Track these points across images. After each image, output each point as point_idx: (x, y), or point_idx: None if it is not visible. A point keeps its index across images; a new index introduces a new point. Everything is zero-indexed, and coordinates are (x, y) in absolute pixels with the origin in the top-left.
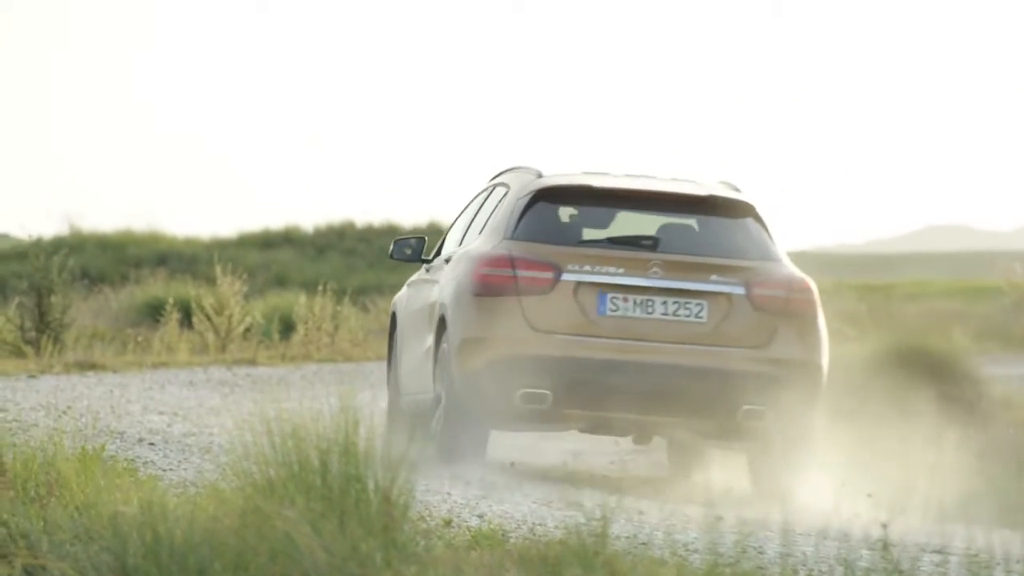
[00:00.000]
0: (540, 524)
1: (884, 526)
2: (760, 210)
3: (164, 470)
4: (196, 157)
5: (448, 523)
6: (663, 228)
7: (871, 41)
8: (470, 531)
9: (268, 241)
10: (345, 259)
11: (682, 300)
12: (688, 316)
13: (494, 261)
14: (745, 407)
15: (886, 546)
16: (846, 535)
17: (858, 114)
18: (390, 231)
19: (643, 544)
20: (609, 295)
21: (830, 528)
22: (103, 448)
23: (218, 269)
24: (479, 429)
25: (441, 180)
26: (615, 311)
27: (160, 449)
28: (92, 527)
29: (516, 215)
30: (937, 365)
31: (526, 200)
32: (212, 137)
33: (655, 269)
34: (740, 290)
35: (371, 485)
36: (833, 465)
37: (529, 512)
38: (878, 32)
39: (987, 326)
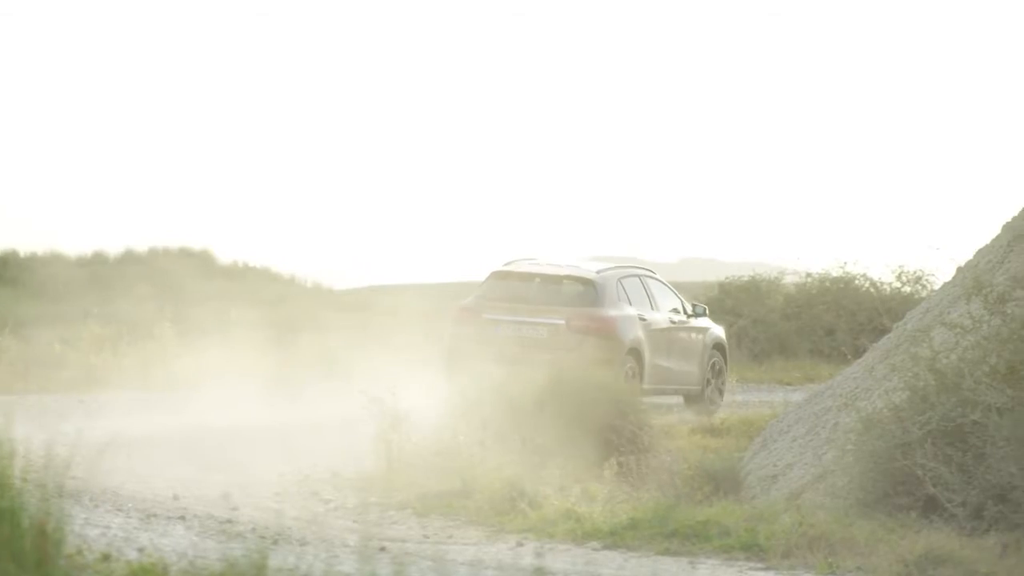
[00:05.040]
0: (201, 556)
1: (539, 555)
2: (596, 282)
3: None
4: None
5: (106, 557)
6: (542, 290)
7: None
8: (129, 564)
9: None
10: (7, 290)
11: (533, 327)
12: (536, 335)
13: (460, 307)
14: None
15: (542, 573)
16: (501, 564)
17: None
18: (55, 261)
19: (304, 575)
20: (501, 325)
21: (486, 558)
22: None
23: None
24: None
25: (106, 210)
26: (503, 332)
27: None
28: None
29: (481, 285)
30: (601, 395)
31: (488, 277)
32: None
33: (521, 312)
34: (561, 321)
35: (25, 519)
36: (499, 491)
37: (190, 544)
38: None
39: None
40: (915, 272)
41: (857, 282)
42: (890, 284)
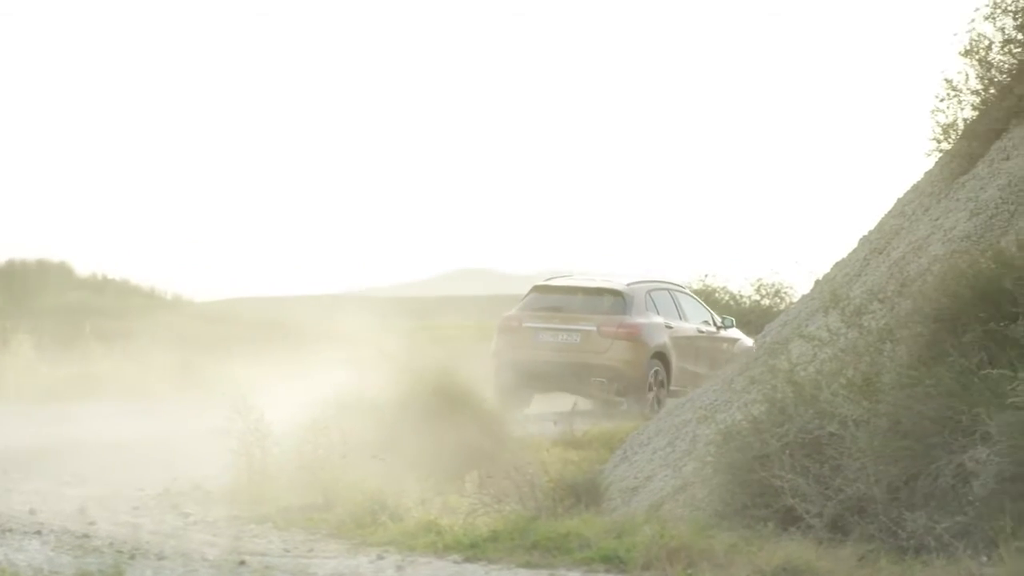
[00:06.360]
0: (57, 572)
1: (400, 567)
2: (625, 293)
3: None
4: None
5: None
6: (577, 301)
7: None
8: None
9: None
10: None
11: (568, 333)
12: (571, 340)
13: (506, 317)
14: (594, 380)
15: None
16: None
17: (381, 159)
18: None
19: None
20: (540, 332)
21: (347, 571)
22: None
23: None
24: (511, 391)
25: None
26: (542, 338)
27: None
28: None
29: (523, 298)
30: (463, 408)
31: (529, 291)
32: None
33: (557, 320)
34: (593, 328)
35: None
36: (360, 504)
37: (46, 559)
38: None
39: None
40: (774, 285)
41: (717, 295)
42: (750, 297)
